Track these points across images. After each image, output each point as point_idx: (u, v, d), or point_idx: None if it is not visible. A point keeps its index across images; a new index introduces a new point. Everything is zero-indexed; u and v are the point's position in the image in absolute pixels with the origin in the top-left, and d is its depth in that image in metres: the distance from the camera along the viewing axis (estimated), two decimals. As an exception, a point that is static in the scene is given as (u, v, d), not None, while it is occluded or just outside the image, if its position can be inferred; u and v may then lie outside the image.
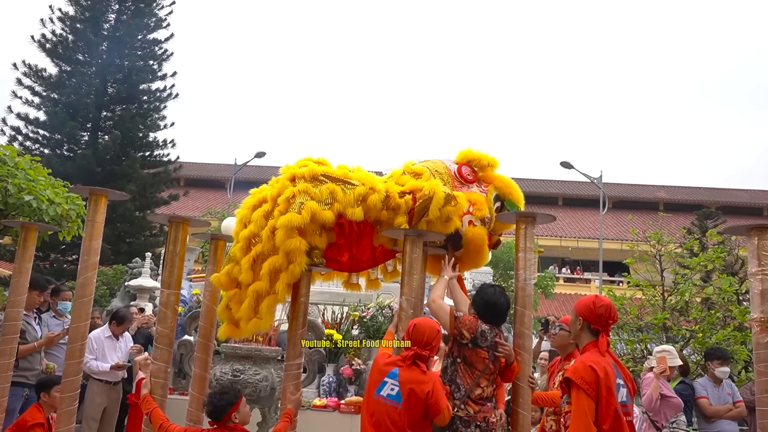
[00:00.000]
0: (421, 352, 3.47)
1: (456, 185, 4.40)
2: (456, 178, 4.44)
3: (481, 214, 4.31)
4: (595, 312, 3.22)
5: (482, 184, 4.52)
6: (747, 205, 41.68)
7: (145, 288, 11.69)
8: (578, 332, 3.33)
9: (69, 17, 21.72)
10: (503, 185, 4.54)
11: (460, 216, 4.23)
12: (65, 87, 21.12)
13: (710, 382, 6.24)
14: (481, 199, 4.37)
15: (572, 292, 35.07)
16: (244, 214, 4.22)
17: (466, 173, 4.48)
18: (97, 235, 4.35)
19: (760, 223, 3.89)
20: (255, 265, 3.96)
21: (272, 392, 6.37)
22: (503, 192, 4.52)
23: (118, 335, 6.69)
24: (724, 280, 8.32)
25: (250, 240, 4.07)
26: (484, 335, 3.73)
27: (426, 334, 3.50)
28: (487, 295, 3.90)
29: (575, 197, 42.00)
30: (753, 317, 3.82)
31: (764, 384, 3.74)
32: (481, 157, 4.56)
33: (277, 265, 3.87)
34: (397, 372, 3.45)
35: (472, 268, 4.76)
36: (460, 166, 4.52)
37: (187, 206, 32.88)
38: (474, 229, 4.28)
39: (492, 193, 4.47)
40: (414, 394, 3.34)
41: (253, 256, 3.98)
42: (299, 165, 4.26)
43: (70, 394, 4.27)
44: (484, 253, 4.41)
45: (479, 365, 3.72)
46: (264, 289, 3.89)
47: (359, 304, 10.00)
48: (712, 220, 28.01)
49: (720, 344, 7.24)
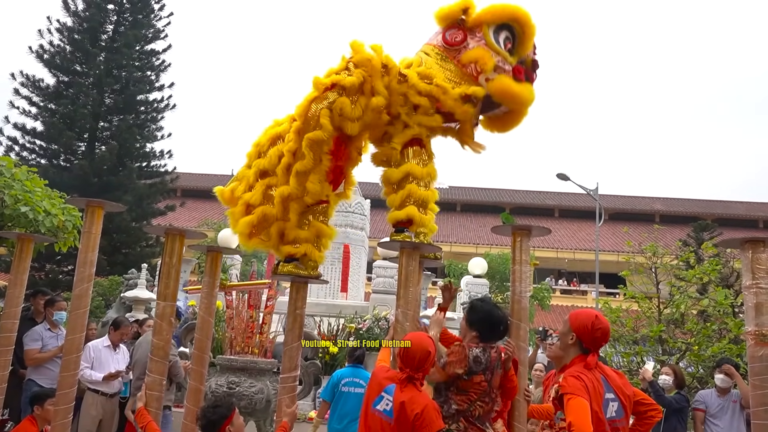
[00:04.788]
0: (413, 374, 3.40)
1: (452, 56, 4.11)
2: (446, 48, 4.14)
3: (489, 65, 4.01)
4: (592, 334, 3.18)
5: (475, 32, 4.12)
6: (743, 218, 41.83)
7: (141, 299, 11.68)
8: (568, 346, 3.28)
9: (67, 28, 21.81)
10: (491, 16, 4.10)
11: (475, 83, 4.02)
12: (63, 97, 21.16)
13: (715, 393, 6.21)
14: (479, 52, 4.05)
15: (569, 304, 35.04)
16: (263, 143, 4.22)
17: (453, 37, 4.14)
18: (93, 247, 4.35)
19: (754, 237, 3.90)
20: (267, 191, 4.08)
21: (268, 405, 6.35)
22: (497, 22, 4.09)
23: (116, 345, 6.66)
24: (720, 292, 8.34)
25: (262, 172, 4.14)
26: (478, 360, 3.59)
27: (417, 357, 3.40)
28: (483, 310, 3.77)
29: (572, 209, 42.11)
30: (748, 330, 3.82)
31: (760, 398, 3.73)
32: (450, 9, 4.13)
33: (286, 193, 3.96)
34: (393, 388, 3.43)
35: (524, 112, 4.26)
36: (443, 33, 4.17)
37: (184, 217, 32.84)
38: (493, 83, 4.02)
39: (489, 33, 4.08)
40: (404, 412, 3.31)
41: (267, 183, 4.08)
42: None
43: (64, 406, 4.24)
44: (518, 94, 4.07)
45: (474, 390, 3.62)
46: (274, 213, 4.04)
47: (355, 316, 10.02)
48: (708, 232, 28.08)
49: (715, 357, 7.25)
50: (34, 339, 6.26)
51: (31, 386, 5.97)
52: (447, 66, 4.14)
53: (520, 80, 4.09)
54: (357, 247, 12.78)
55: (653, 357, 8.34)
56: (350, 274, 12.22)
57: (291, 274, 4.26)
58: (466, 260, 17.84)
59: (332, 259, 11.99)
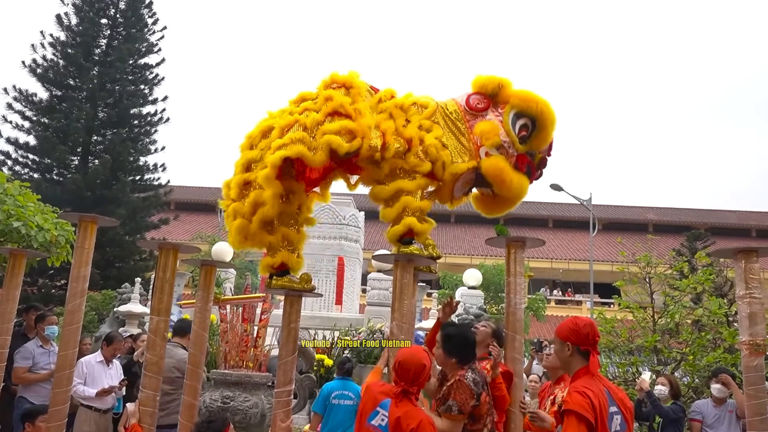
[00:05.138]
0: (409, 388, 3.37)
1: (468, 119, 4.17)
2: (467, 111, 4.18)
3: (492, 141, 4.05)
4: (581, 332, 3.16)
5: (499, 107, 4.19)
6: (736, 226, 42.04)
7: (135, 314, 11.61)
8: (568, 358, 3.25)
9: (60, 42, 21.81)
10: (519, 100, 4.14)
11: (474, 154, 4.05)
12: (56, 112, 21.12)
13: (711, 403, 6.19)
14: (489, 126, 4.09)
15: (564, 314, 35.03)
16: (254, 134, 4.20)
17: (475, 102, 4.19)
18: (86, 262, 4.33)
19: (747, 247, 3.93)
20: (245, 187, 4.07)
21: (262, 419, 6.30)
22: (522, 107, 4.13)
23: (109, 360, 6.61)
24: (714, 301, 8.36)
25: (250, 163, 4.11)
26: (477, 382, 3.56)
27: (412, 370, 3.36)
28: (456, 331, 3.75)
29: (565, 219, 42.24)
30: (742, 340, 3.84)
31: (755, 407, 3.75)
32: (487, 81, 4.22)
33: (260, 199, 3.94)
34: (388, 403, 3.41)
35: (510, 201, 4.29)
36: (468, 96, 4.23)
37: (177, 230, 32.77)
38: (488, 160, 4.04)
39: (509, 114, 4.13)
40: (399, 427, 3.28)
41: (246, 178, 4.06)
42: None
43: (56, 423, 4.21)
44: (507, 182, 4.08)
45: (485, 411, 3.59)
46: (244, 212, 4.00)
47: (350, 329, 9.99)
48: (701, 241, 28.21)
49: (711, 366, 7.25)
50: (24, 357, 6.21)
51: (23, 403, 5.92)
52: (459, 127, 4.17)
53: (519, 169, 4.12)
54: (351, 259, 12.77)
55: (648, 367, 8.34)
56: (345, 286, 12.21)
57: (284, 287, 4.25)
58: (460, 271, 17.84)
59: (327, 271, 11.98)
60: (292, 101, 4.26)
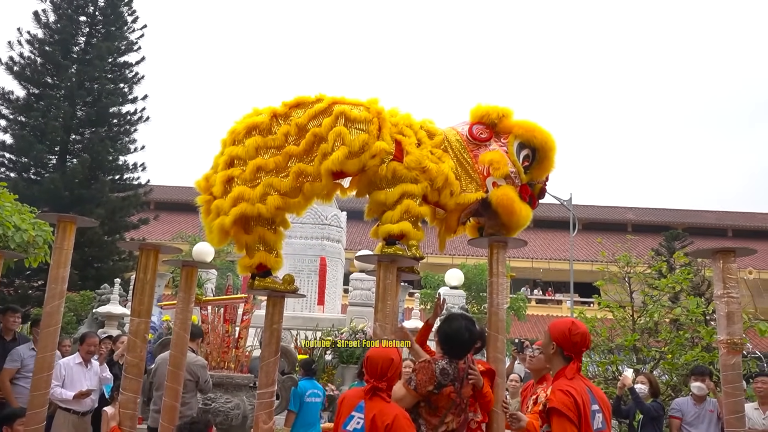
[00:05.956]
0: (377, 384, 3.38)
1: (471, 149, 4.20)
2: (469, 140, 4.21)
3: (501, 172, 4.07)
4: (570, 340, 3.21)
5: (501, 137, 4.24)
6: (713, 226, 42.63)
7: (114, 315, 11.49)
8: (551, 356, 3.34)
9: (38, 40, 21.50)
10: (523, 131, 4.21)
11: (480, 184, 4.09)
12: (33, 110, 20.82)
13: (692, 401, 6.26)
14: (498, 156, 4.10)
15: (544, 314, 35.31)
16: (239, 130, 4.17)
17: (478, 132, 4.22)
18: (65, 263, 4.27)
19: (725, 247, 3.99)
20: (228, 183, 4.05)
21: (244, 421, 6.28)
22: (525, 138, 4.19)
23: (87, 361, 6.52)
24: (692, 301, 8.47)
25: (233, 159, 4.10)
26: (446, 372, 3.61)
27: (379, 364, 3.39)
28: (450, 328, 3.75)
29: (546, 219, 42.48)
30: (720, 339, 3.89)
31: (732, 405, 3.81)
32: (489, 111, 4.26)
33: (245, 195, 3.95)
34: (362, 405, 3.41)
35: (516, 230, 4.33)
36: (471, 126, 4.27)
37: (158, 230, 32.46)
38: (498, 190, 4.08)
39: (513, 144, 4.18)
40: (375, 424, 3.29)
41: (230, 174, 4.05)
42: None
43: (35, 426, 4.15)
44: (516, 212, 4.12)
45: (444, 404, 3.64)
46: (223, 208, 3.99)
47: (332, 329, 9.97)
48: (679, 241, 28.58)
49: (689, 364, 7.34)
50: (13, 359, 6.18)
51: (6, 407, 5.83)
52: (465, 156, 4.19)
53: (523, 199, 4.18)
54: (333, 259, 12.75)
55: (628, 365, 8.43)
56: (327, 286, 12.17)
57: (267, 288, 4.24)
58: (442, 271, 17.89)
59: (309, 271, 11.94)
60: (288, 103, 4.23)
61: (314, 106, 4.14)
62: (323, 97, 4.20)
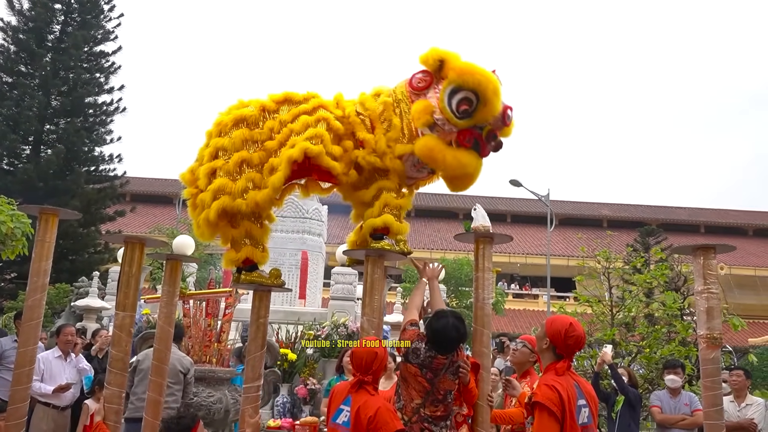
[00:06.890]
0: (363, 378, 3.40)
1: (413, 100, 3.97)
2: (411, 91, 4.00)
3: (423, 121, 3.86)
4: (565, 341, 3.26)
5: (439, 84, 3.91)
6: (686, 222, 43.33)
7: (93, 308, 11.34)
8: (543, 350, 3.38)
9: (11, 27, 21.10)
10: (456, 75, 3.82)
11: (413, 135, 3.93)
12: (6, 99, 20.43)
13: (667, 394, 6.43)
14: (420, 105, 3.87)
15: (521, 308, 35.64)
16: (226, 122, 4.09)
17: (417, 81, 3.97)
18: (47, 256, 4.20)
19: (706, 244, 4.05)
20: (211, 175, 3.98)
21: (226, 415, 6.26)
22: (459, 81, 3.80)
23: (66, 354, 6.43)
24: (669, 295, 8.61)
25: (218, 150, 4.02)
26: (417, 353, 3.68)
27: (363, 359, 3.41)
28: (439, 324, 3.71)
29: (523, 214, 42.84)
30: (700, 334, 3.97)
31: (711, 398, 3.88)
32: (428, 56, 3.94)
33: (227, 188, 3.89)
34: (350, 399, 3.43)
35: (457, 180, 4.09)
36: (413, 75, 4.03)
37: (134, 222, 32.05)
38: (419, 141, 3.90)
39: (446, 90, 3.84)
40: (358, 417, 3.31)
41: (213, 166, 3.99)
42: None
43: (15, 422, 4.09)
44: (441, 159, 3.87)
45: (413, 383, 3.68)
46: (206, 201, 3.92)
47: (314, 323, 9.95)
48: (653, 237, 29.02)
49: (665, 358, 7.48)
50: None
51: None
52: (402, 109, 4.02)
53: (462, 145, 3.89)
54: (314, 253, 12.70)
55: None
56: (308, 280, 12.14)
57: (254, 282, 4.22)
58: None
59: (290, 265, 11.89)
60: (276, 98, 4.18)
61: (299, 106, 4.11)
62: (311, 95, 4.17)
